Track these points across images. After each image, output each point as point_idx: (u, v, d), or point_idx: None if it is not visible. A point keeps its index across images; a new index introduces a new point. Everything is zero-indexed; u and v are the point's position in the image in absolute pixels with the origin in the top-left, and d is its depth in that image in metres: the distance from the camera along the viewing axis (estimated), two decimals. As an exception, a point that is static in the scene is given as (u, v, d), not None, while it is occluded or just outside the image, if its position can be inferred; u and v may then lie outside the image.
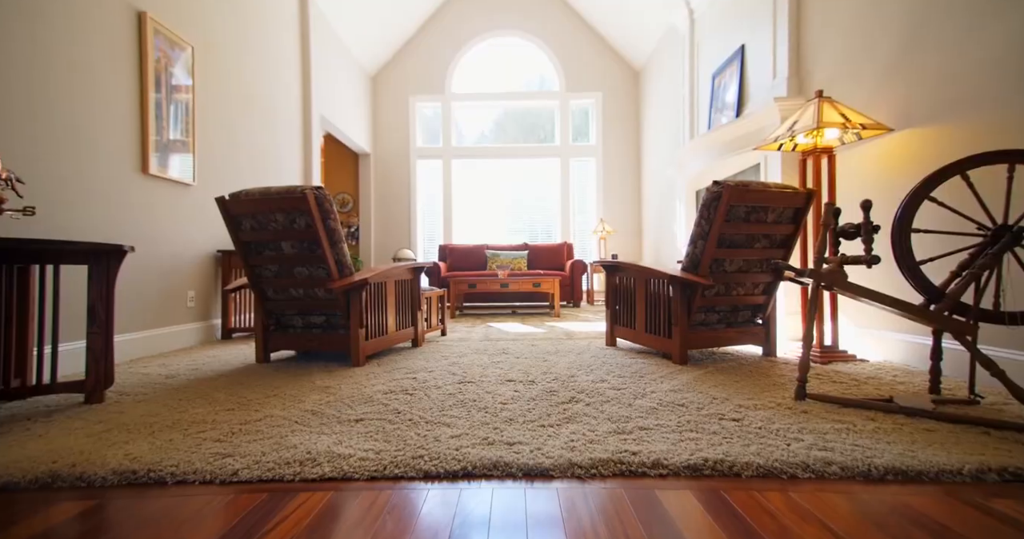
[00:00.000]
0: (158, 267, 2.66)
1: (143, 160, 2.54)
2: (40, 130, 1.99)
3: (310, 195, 1.96)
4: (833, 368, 2.00)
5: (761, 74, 3.26)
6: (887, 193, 2.20)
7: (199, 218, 3.00)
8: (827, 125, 2.05)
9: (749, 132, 3.23)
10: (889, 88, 2.19)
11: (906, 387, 1.65)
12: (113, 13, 2.37)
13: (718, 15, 3.92)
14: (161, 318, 2.69)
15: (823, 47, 2.66)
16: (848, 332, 2.39)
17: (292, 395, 1.64)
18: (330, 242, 2.08)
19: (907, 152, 2.08)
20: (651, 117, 5.88)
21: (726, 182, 1.94)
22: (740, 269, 2.12)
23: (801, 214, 2.10)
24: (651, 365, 2.08)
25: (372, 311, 2.27)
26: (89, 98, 2.23)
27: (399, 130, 6.48)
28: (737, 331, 2.21)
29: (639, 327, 2.40)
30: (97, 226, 2.27)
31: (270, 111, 3.85)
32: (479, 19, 6.36)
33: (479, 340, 2.96)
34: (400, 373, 1.98)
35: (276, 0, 3.96)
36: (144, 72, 2.54)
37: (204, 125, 3.04)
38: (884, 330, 2.19)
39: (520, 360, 2.25)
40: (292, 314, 2.27)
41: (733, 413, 1.36)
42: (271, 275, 2.19)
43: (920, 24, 2.03)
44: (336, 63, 5.17)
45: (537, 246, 6.01)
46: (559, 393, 1.61)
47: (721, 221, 1.96)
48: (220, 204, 2.09)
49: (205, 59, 3.05)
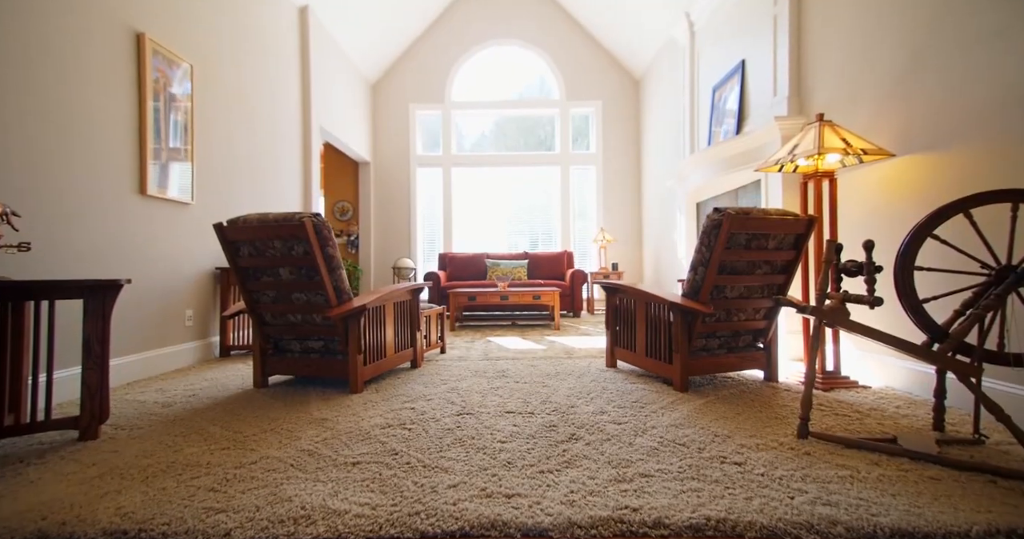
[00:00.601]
0: (156, 288, 2.65)
1: (141, 181, 2.53)
2: (37, 153, 1.98)
3: (308, 223, 1.95)
4: (835, 396, 1.98)
5: (761, 90, 3.25)
6: (888, 220, 2.18)
7: (197, 236, 2.98)
8: (828, 151, 2.04)
9: (750, 149, 3.21)
10: (890, 111, 2.18)
11: (909, 421, 1.64)
12: (111, 37, 2.36)
13: (718, 29, 3.91)
14: (159, 339, 2.67)
15: (824, 67, 2.64)
16: (850, 355, 2.37)
17: (288, 430, 1.62)
18: (328, 269, 2.07)
19: (908, 178, 2.07)
20: (651, 126, 5.87)
21: (727, 210, 1.92)
22: (741, 295, 2.10)
23: (802, 240, 2.08)
24: (652, 392, 2.06)
25: (370, 335, 2.25)
26: (87, 121, 2.22)
27: (399, 138, 6.47)
28: (738, 357, 2.20)
29: (639, 350, 2.38)
30: (95, 248, 2.25)
31: (269, 124, 3.84)
32: (479, 27, 6.36)
33: (478, 359, 2.94)
34: (398, 401, 1.96)
35: (276, 13, 3.96)
36: (142, 93, 2.53)
37: (203, 142, 3.03)
38: (886, 355, 2.17)
39: (519, 385, 2.23)
40: (290, 339, 2.25)
41: (735, 455, 1.34)
42: (269, 300, 2.18)
43: (920, 49, 2.01)
44: (336, 72, 5.16)
45: (537, 255, 5.99)
46: (558, 429, 1.59)
47: (721, 249, 1.94)
48: (218, 230, 2.07)
49: (204, 75, 3.04)
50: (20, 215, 1.65)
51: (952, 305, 1.76)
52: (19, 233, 1.88)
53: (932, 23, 1.97)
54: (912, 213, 2.06)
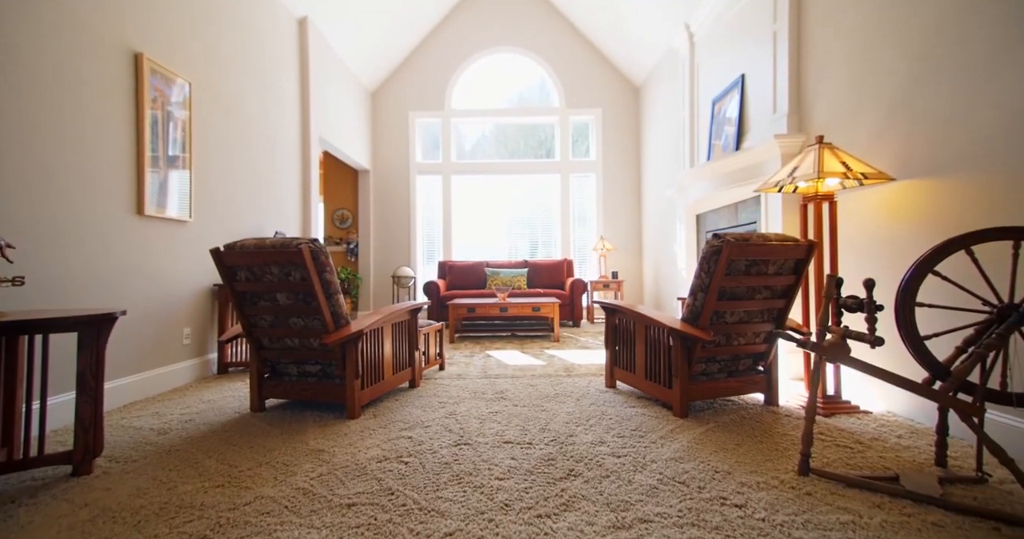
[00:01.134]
0: (154, 308, 2.63)
1: (139, 202, 2.52)
2: (33, 176, 1.97)
3: (305, 250, 1.93)
4: (836, 424, 1.96)
5: (761, 105, 3.23)
6: (888, 243, 2.16)
7: (196, 253, 2.97)
8: (828, 175, 2.02)
9: (749, 165, 3.20)
10: (891, 133, 2.16)
11: (911, 454, 1.62)
12: (110, 58, 2.35)
13: (718, 41, 3.90)
14: (156, 359, 2.66)
15: (824, 85, 2.63)
16: (851, 379, 2.36)
17: (284, 463, 1.60)
18: (326, 294, 2.05)
19: (909, 202, 2.05)
20: (651, 134, 5.86)
21: (726, 237, 1.91)
22: (741, 320, 2.09)
23: (802, 265, 2.06)
24: (651, 418, 2.05)
25: (368, 358, 2.24)
26: (84, 143, 2.20)
27: (399, 146, 6.47)
28: (739, 381, 2.18)
29: (639, 372, 2.37)
30: (91, 271, 2.24)
31: (269, 136, 3.83)
32: (479, 35, 6.36)
33: (477, 377, 2.93)
34: (396, 429, 1.95)
35: (275, 26, 3.95)
36: (140, 114, 2.52)
37: (201, 159, 3.02)
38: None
39: (518, 409, 2.21)
40: (287, 362, 2.24)
41: (736, 496, 1.32)
42: (266, 325, 2.16)
43: (920, 73, 2.00)
44: (335, 82, 5.16)
45: (537, 263, 5.98)
46: (557, 463, 1.58)
47: (721, 275, 1.93)
48: (215, 256, 2.06)
49: (202, 91, 3.03)
50: (14, 246, 1.63)
51: (954, 341, 1.74)
52: (15, 259, 1.86)
53: (932, 47, 1.95)
54: (912, 238, 2.04)
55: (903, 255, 2.09)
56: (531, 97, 6.52)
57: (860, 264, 2.35)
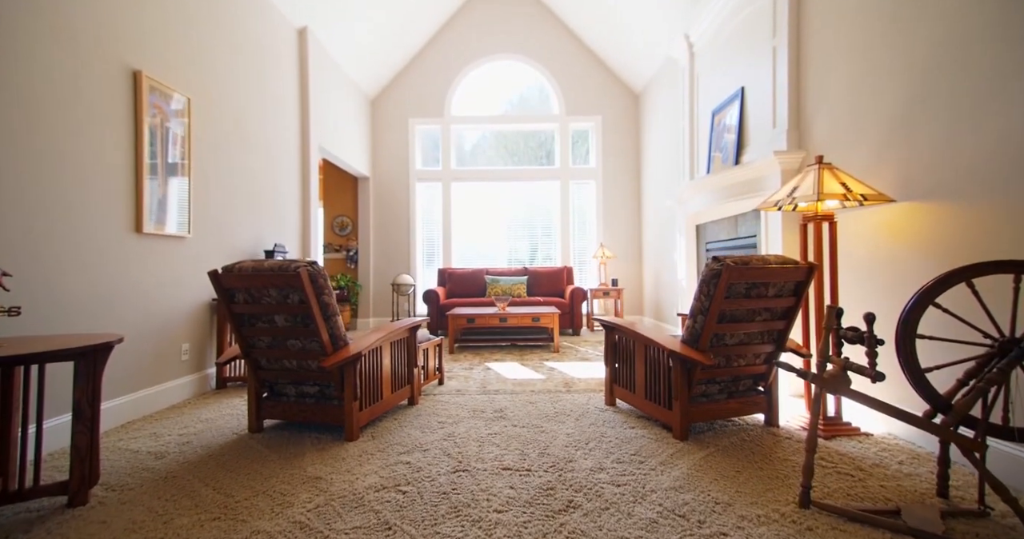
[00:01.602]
0: (152, 325, 2.62)
1: (137, 220, 2.51)
2: (32, 195, 1.96)
3: (304, 273, 1.93)
4: (837, 448, 1.95)
5: (761, 119, 3.23)
6: (888, 264, 2.15)
7: (195, 268, 2.96)
8: (828, 197, 2.02)
9: (749, 179, 3.19)
10: (891, 153, 2.16)
11: (913, 483, 1.61)
12: (109, 77, 2.34)
13: (718, 53, 3.89)
14: (155, 376, 2.65)
15: (824, 102, 2.62)
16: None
17: (280, 492, 1.59)
18: (324, 316, 2.04)
19: (909, 224, 2.05)
20: (651, 141, 5.86)
21: (726, 261, 1.90)
22: (741, 342, 2.08)
23: (802, 287, 2.06)
24: (651, 441, 2.04)
25: (367, 378, 2.23)
26: (82, 162, 2.20)
27: (398, 153, 6.46)
28: (739, 402, 2.17)
29: (639, 391, 2.36)
30: (90, 291, 2.23)
31: (268, 148, 3.82)
32: (478, 43, 6.36)
33: (476, 392, 2.92)
34: (394, 453, 1.94)
35: (275, 37, 3.95)
36: (139, 132, 2.51)
37: (200, 173, 3.01)
38: (889, 396, 2.14)
39: (517, 430, 2.20)
40: (285, 383, 2.23)
41: (736, 531, 1.31)
42: (264, 346, 2.15)
43: (920, 95, 1.99)
44: (335, 90, 5.16)
45: (537, 271, 5.97)
46: (556, 492, 1.56)
47: (721, 298, 1.92)
48: (213, 278, 2.05)
49: (201, 105, 3.02)
50: (11, 274, 1.63)
51: (955, 373, 1.73)
52: (13, 282, 1.86)
53: (932, 69, 1.95)
54: (913, 260, 2.03)
55: (903, 277, 2.08)
56: (531, 97, 6.50)
57: (860, 285, 2.34)
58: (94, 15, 2.28)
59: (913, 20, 2.05)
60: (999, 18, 1.68)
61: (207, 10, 3.10)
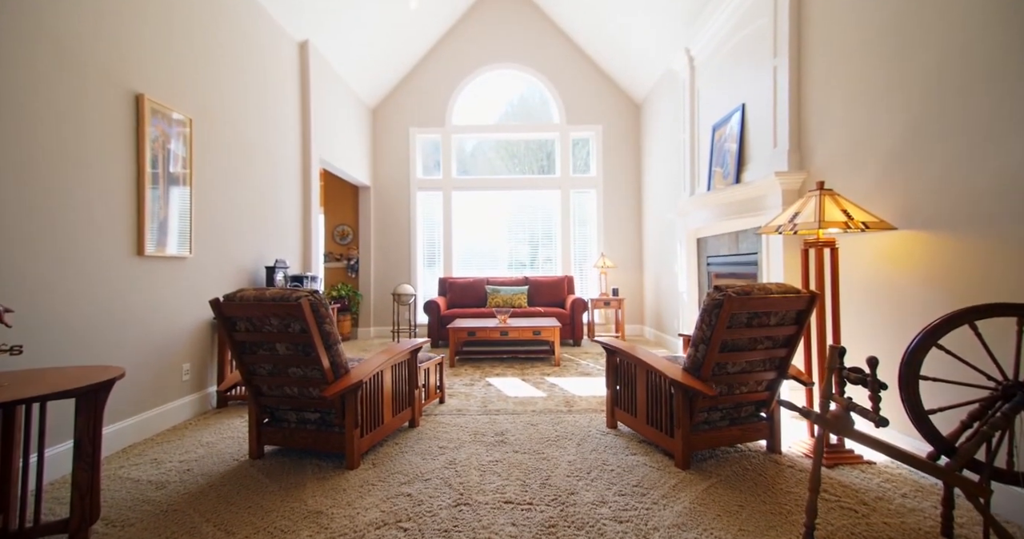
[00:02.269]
0: (153, 347, 2.62)
1: (139, 243, 2.51)
2: (34, 218, 1.96)
3: (305, 304, 1.92)
4: (840, 478, 1.95)
5: (762, 137, 3.23)
6: (889, 290, 2.15)
7: (196, 287, 2.96)
8: (829, 225, 2.02)
9: (750, 198, 3.19)
10: (893, 179, 2.15)
11: (917, 520, 1.60)
12: (111, 101, 2.34)
13: (718, 68, 3.89)
14: (156, 398, 2.65)
15: (825, 124, 2.62)
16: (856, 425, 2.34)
17: (281, 528, 1.59)
18: (325, 345, 2.04)
19: (910, 252, 2.04)
20: (652, 150, 5.86)
21: (727, 292, 1.89)
22: (743, 370, 2.07)
23: (804, 316, 2.05)
24: (654, 469, 2.03)
25: (368, 404, 2.22)
26: (85, 187, 2.20)
27: (399, 162, 6.47)
28: (741, 428, 2.17)
29: (640, 415, 2.35)
30: (92, 314, 2.23)
31: (269, 163, 3.82)
32: (479, 52, 6.36)
33: (477, 412, 2.91)
34: (395, 482, 1.94)
35: (276, 52, 3.95)
36: (141, 154, 2.51)
37: (202, 192, 3.01)
38: (892, 429, 2.14)
39: (519, 456, 2.20)
40: (286, 409, 2.22)
41: (738, 575, 1.31)
42: (265, 373, 2.15)
43: (921, 122, 1.99)
44: (335, 100, 5.16)
45: (537, 280, 5.97)
46: (558, 530, 1.56)
47: (723, 328, 1.91)
48: (214, 307, 2.05)
49: (203, 124, 3.02)
50: (12, 310, 1.62)
51: (958, 412, 1.72)
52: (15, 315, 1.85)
53: (933, 100, 1.94)
54: (912, 289, 2.03)
55: (904, 305, 2.08)
56: (531, 97, 6.48)
57: (860, 312, 2.33)
58: (97, 41, 2.28)
59: (913, 52, 2.05)
60: (1001, 51, 1.68)
61: (209, 29, 3.10)
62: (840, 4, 2.51)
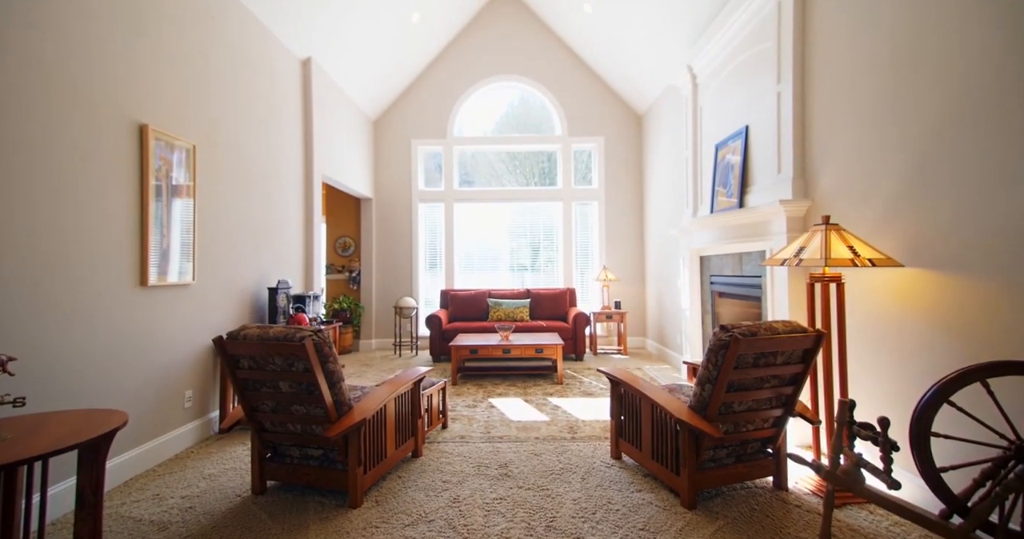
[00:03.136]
0: (156, 374, 2.61)
1: (142, 274, 2.50)
2: (37, 254, 1.95)
3: (309, 344, 1.91)
4: (848, 520, 1.93)
5: (765, 161, 3.21)
6: (896, 329, 2.13)
7: (198, 313, 2.95)
8: (835, 263, 2.00)
9: (754, 222, 3.18)
10: (899, 218, 2.14)
11: (926, 570, 1.59)
12: (115, 132, 2.33)
13: (721, 87, 3.88)
14: (158, 427, 2.63)
15: (830, 153, 2.60)
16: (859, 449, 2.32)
17: (287, 580, 1.58)
18: (328, 384, 2.03)
19: (917, 291, 2.03)
20: (654, 163, 5.85)
21: (734, 333, 1.88)
22: (750, 408, 2.06)
23: (810, 354, 2.04)
24: (659, 509, 2.02)
25: (371, 438, 2.21)
26: (88, 220, 2.19)
27: (401, 173, 6.46)
28: (747, 466, 2.15)
29: (645, 449, 2.34)
30: (93, 348, 2.22)
31: (271, 183, 3.82)
32: (480, 64, 6.36)
33: (480, 439, 2.90)
34: (398, 524, 1.92)
35: (279, 71, 3.94)
36: (144, 184, 2.50)
37: (205, 218, 3.00)
38: (898, 467, 2.12)
39: (523, 492, 2.18)
40: (289, 445, 2.21)
41: (747, 638, 1.29)
42: (268, 410, 2.14)
43: (928, 157, 1.98)
44: (338, 115, 5.15)
45: (539, 293, 5.96)
46: (564, 582, 1.55)
47: (729, 368, 1.90)
48: (218, 345, 2.04)
49: (207, 151, 3.02)
50: (15, 358, 1.61)
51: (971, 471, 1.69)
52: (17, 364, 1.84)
53: (942, 136, 1.93)
54: (918, 327, 2.01)
55: (911, 344, 2.06)
56: (532, 100, 6.47)
57: (867, 348, 2.31)
58: (104, 75, 2.27)
59: (922, 87, 2.03)
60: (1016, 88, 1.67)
61: (212, 53, 3.09)
62: (845, 34, 2.49)
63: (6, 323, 1.85)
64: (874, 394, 2.27)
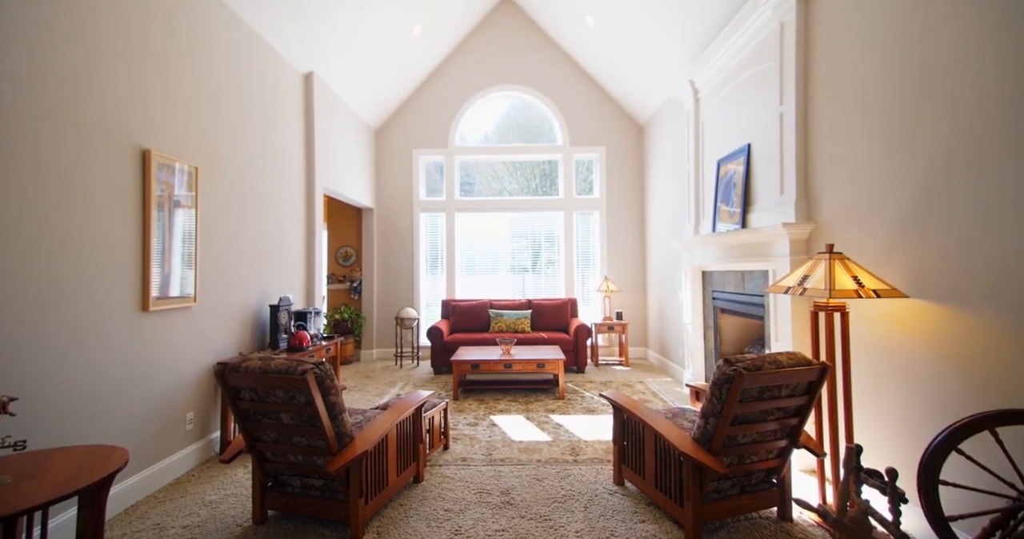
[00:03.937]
0: (157, 397, 2.60)
1: (144, 298, 2.49)
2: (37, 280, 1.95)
3: (311, 378, 1.90)
4: (852, 554, 1.92)
5: (768, 179, 3.19)
6: (902, 359, 2.11)
7: (199, 334, 2.94)
8: (840, 294, 1.99)
9: (757, 243, 3.17)
10: (904, 248, 2.12)
11: (932, 613, 1.57)
12: (118, 159, 2.33)
13: (723, 103, 3.87)
14: (158, 452, 2.62)
15: (833, 178, 2.59)
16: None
17: (288, 622, 1.57)
18: (330, 415, 2.02)
19: (922, 323, 2.01)
20: (655, 173, 5.84)
21: (738, 367, 1.87)
22: (754, 441, 2.05)
23: (815, 386, 2.02)
24: (662, 542, 2.01)
25: (372, 467, 2.20)
26: (91, 245, 2.18)
27: (402, 183, 6.46)
28: (751, 497, 2.14)
29: (648, 477, 2.33)
30: (94, 373, 2.21)
31: (273, 199, 3.81)
32: (481, 74, 6.35)
33: (482, 462, 2.89)
34: (401, 558, 1.91)
35: (282, 86, 3.94)
36: (147, 208, 2.50)
37: (207, 237, 2.99)
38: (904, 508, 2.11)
39: (526, 524, 2.17)
40: (290, 475, 2.20)
41: None
42: (269, 441, 2.13)
43: (932, 189, 1.96)
44: (339, 126, 5.15)
45: (541, 303, 5.95)
46: (567, 626, 1.53)
47: (734, 403, 1.89)
48: (219, 376, 2.03)
49: (208, 170, 3.01)
50: (16, 397, 1.61)
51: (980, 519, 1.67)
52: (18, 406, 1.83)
53: (947, 167, 1.92)
54: (923, 358, 2.00)
55: (916, 377, 2.04)
56: (533, 103, 6.47)
57: (871, 378, 2.29)
58: (105, 99, 2.26)
59: (929, 114, 2.02)
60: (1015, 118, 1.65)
61: (215, 72, 3.09)
62: (851, 57, 2.48)
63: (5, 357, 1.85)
64: (880, 425, 2.25)
